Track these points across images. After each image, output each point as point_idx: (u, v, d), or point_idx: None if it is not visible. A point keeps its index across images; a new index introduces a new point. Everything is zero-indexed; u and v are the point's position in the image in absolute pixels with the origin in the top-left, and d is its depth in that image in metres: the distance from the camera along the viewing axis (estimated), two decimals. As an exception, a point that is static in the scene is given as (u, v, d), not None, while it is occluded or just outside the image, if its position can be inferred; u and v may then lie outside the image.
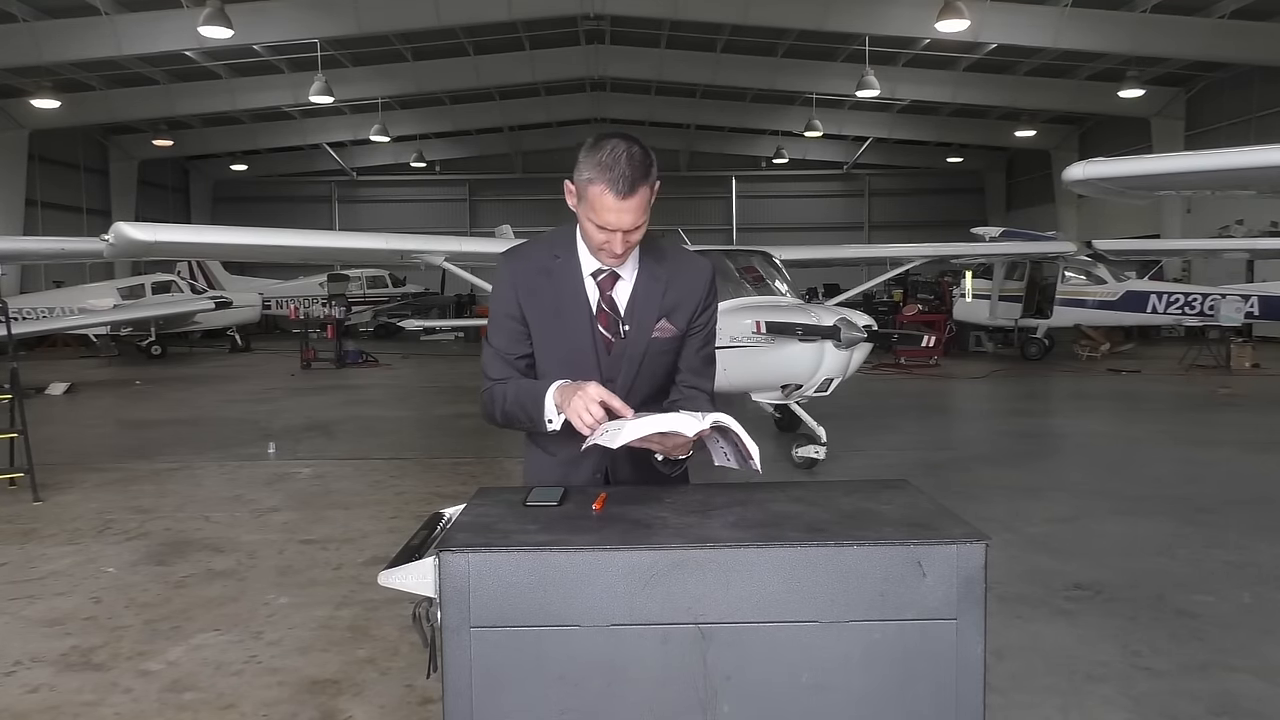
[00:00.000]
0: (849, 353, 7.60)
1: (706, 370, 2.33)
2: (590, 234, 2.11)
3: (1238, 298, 17.17)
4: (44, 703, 3.72)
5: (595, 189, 2.04)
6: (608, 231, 2.07)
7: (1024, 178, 35.13)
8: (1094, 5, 19.27)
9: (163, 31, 19.73)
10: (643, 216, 2.08)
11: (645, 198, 2.06)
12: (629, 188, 2.02)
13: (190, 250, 13.96)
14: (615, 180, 2.02)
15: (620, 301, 2.21)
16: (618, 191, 2.02)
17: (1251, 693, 3.70)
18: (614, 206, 2.03)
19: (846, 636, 1.64)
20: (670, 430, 1.98)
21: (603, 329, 2.20)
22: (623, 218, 2.04)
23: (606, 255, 2.13)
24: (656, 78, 26.41)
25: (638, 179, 2.03)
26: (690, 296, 2.24)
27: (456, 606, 1.63)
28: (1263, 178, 6.23)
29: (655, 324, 2.21)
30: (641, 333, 2.20)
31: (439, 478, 8.08)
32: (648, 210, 2.09)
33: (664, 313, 2.21)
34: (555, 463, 2.30)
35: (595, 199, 2.04)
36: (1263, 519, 6.35)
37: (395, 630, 4.34)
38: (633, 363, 2.21)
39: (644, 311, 2.21)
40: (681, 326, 2.24)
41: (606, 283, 2.21)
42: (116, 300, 21.15)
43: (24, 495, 7.27)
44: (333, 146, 33.16)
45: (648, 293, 2.21)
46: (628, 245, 2.11)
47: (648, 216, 2.10)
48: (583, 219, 2.11)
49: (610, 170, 2.02)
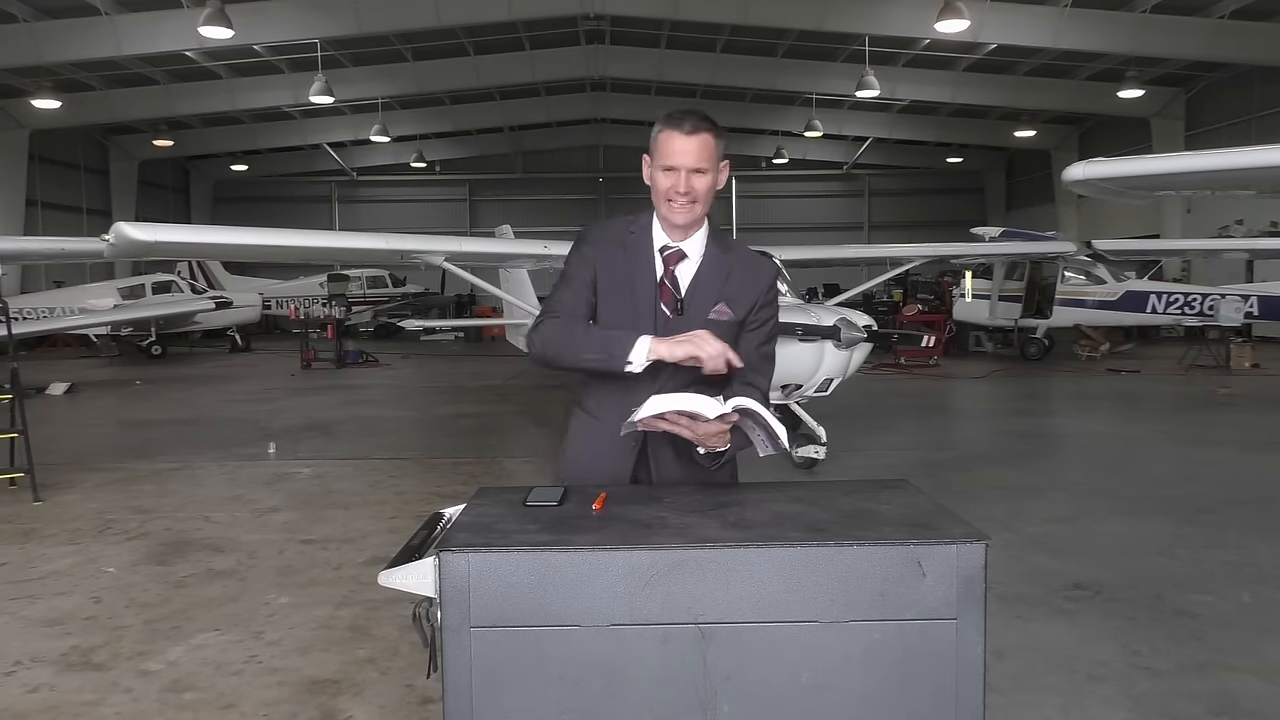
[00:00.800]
0: (849, 353, 7.59)
1: (763, 368, 2.36)
2: (659, 183, 2.25)
3: (1237, 298, 17.17)
4: (44, 703, 3.72)
5: (664, 134, 2.24)
6: (674, 174, 2.22)
7: (1024, 178, 35.13)
8: (1094, 5, 19.27)
9: (163, 31, 19.73)
10: (706, 161, 2.23)
11: (710, 146, 2.23)
12: (693, 127, 2.22)
13: (190, 250, 13.94)
14: (681, 122, 2.23)
15: (683, 280, 2.31)
16: (682, 129, 2.21)
17: (1251, 693, 3.70)
18: (679, 143, 2.21)
19: (846, 636, 1.64)
20: (692, 410, 2.04)
21: (663, 304, 2.29)
22: (687, 156, 2.21)
23: (677, 205, 2.24)
24: (656, 78, 26.41)
25: (701, 124, 2.23)
26: (752, 288, 2.33)
27: (456, 606, 1.63)
28: (1263, 178, 6.22)
29: (713, 306, 2.28)
30: (699, 312, 2.27)
31: (439, 478, 8.07)
32: (714, 163, 2.25)
33: (723, 297, 2.29)
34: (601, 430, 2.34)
35: (663, 143, 2.23)
36: (1263, 519, 6.34)
37: (395, 630, 4.34)
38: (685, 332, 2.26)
39: (704, 292, 2.29)
40: (739, 314, 2.30)
41: (672, 258, 2.31)
42: (116, 300, 21.15)
43: (24, 495, 7.27)
44: (333, 146, 33.15)
45: (710, 275, 2.31)
46: (691, 191, 2.23)
47: (714, 174, 2.26)
48: (655, 175, 2.26)
49: (679, 117, 2.24)
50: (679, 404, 2.05)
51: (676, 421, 2.08)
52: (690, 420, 2.07)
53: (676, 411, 2.07)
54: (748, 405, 2.07)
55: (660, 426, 2.10)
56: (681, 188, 2.22)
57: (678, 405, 2.05)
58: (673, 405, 2.05)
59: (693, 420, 2.07)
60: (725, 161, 2.29)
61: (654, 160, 2.26)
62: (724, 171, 2.29)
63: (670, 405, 2.05)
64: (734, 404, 2.07)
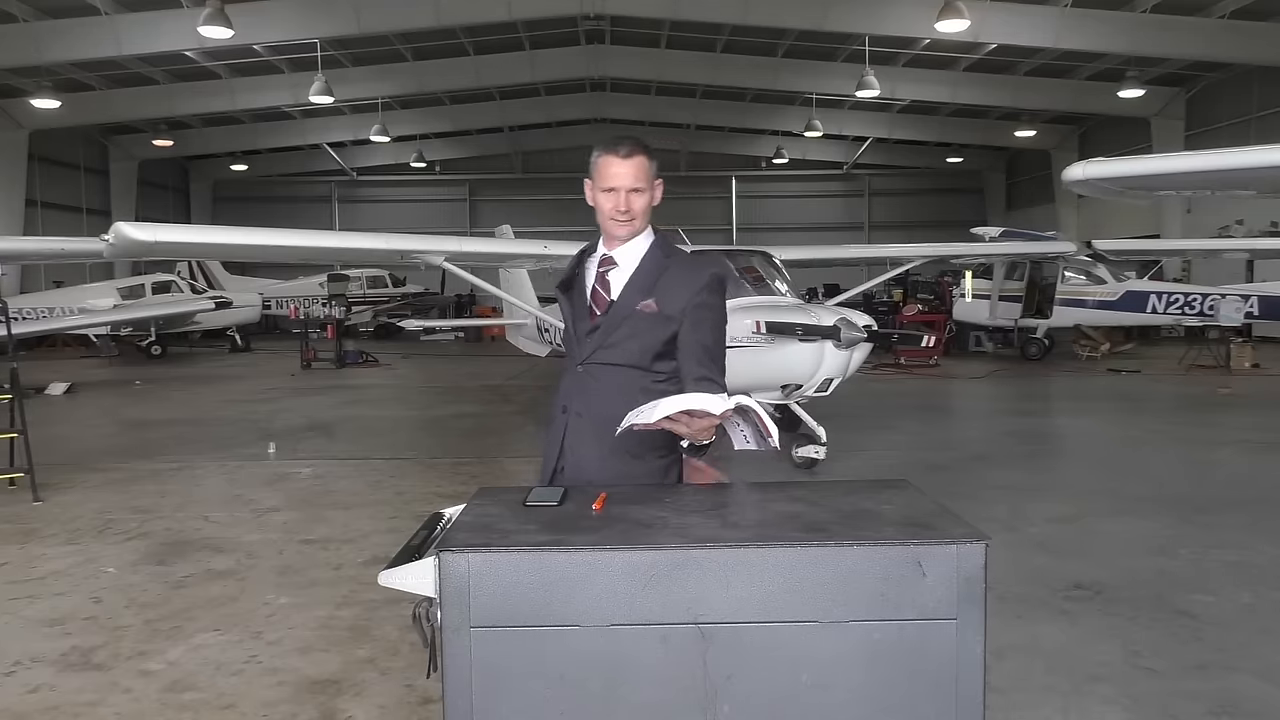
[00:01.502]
0: (849, 353, 7.59)
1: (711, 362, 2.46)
2: (602, 206, 2.46)
3: (1237, 298, 17.16)
4: (44, 703, 3.72)
5: (602, 159, 2.44)
6: (615, 194, 2.42)
7: (1024, 178, 35.12)
8: (1094, 5, 19.26)
9: (163, 31, 19.72)
10: (643, 181, 2.43)
11: (644, 167, 2.43)
12: (628, 151, 2.42)
13: (190, 250, 13.93)
14: (616, 146, 2.44)
15: (616, 284, 2.52)
16: (618, 154, 2.42)
17: (1251, 693, 3.70)
18: (615, 166, 2.41)
19: (846, 636, 1.64)
20: (698, 408, 2.11)
21: (595, 306, 2.52)
22: (624, 178, 2.41)
23: (619, 221, 2.45)
24: (656, 78, 26.41)
25: (636, 148, 2.44)
26: (685, 286, 2.46)
27: (456, 606, 1.63)
28: (1263, 178, 6.22)
29: (640, 301, 2.46)
30: (625, 305, 2.47)
31: (439, 478, 8.07)
32: (649, 182, 2.45)
33: (652, 295, 2.46)
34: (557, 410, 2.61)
35: (602, 168, 2.44)
36: (1263, 519, 6.34)
37: (395, 630, 4.34)
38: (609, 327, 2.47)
39: (634, 289, 2.48)
40: (669, 310, 2.44)
41: (605, 265, 2.54)
42: (116, 300, 21.14)
43: (24, 495, 7.27)
44: (333, 146, 33.14)
45: (643, 276, 2.49)
46: (631, 209, 2.43)
47: (651, 191, 2.46)
48: (597, 197, 2.47)
49: (614, 143, 2.46)
50: (689, 403, 2.12)
51: (678, 419, 2.14)
52: (688, 416, 2.14)
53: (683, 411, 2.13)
54: (747, 403, 2.14)
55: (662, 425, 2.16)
56: (622, 206, 2.42)
57: (687, 405, 2.12)
58: (683, 405, 2.12)
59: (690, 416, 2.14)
60: (659, 180, 2.49)
61: (595, 183, 2.46)
62: (659, 188, 2.49)
63: (680, 405, 2.12)
64: (736, 400, 2.13)
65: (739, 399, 2.14)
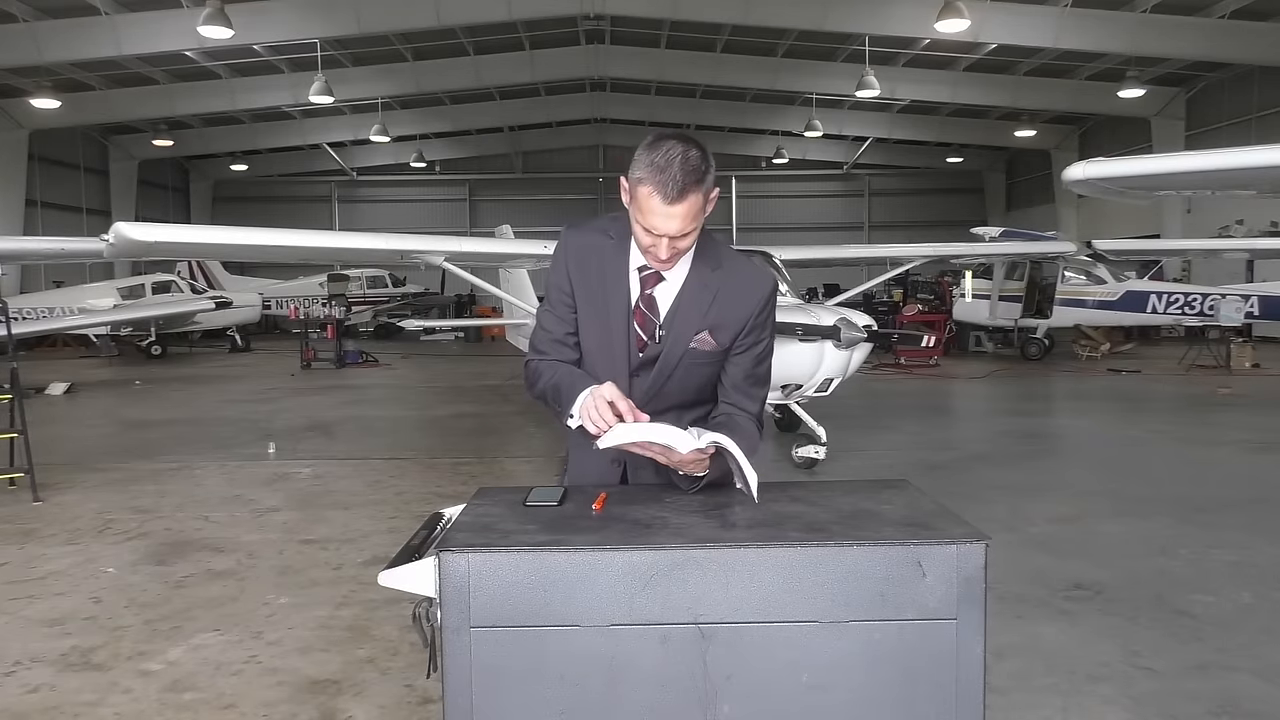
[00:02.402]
0: (849, 353, 7.59)
1: (754, 392, 2.22)
2: (638, 236, 2.04)
3: (1238, 298, 17.17)
4: (44, 703, 3.72)
5: (644, 190, 1.97)
6: (654, 236, 2.00)
7: (1024, 178, 35.13)
8: (1094, 5, 19.27)
9: (163, 31, 19.73)
10: (692, 224, 1.99)
11: (697, 205, 1.98)
12: (678, 193, 1.94)
13: (190, 250, 13.95)
14: (665, 184, 1.93)
15: (662, 303, 2.12)
16: (666, 196, 1.94)
17: (1251, 693, 3.70)
18: (661, 211, 1.96)
19: (846, 636, 1.64)
20: (664, 442, 1.92)
21: (638, 327, 2.13)
22: (670, 223, 1.97)
23: (652, 259, 2.06)
24: (656, 78, 26.41)
25: (689, 184, 1.94)
26: (741, 310, 2.13)
27: (456, 606, 1.63)
28: (1263, 178, 6.23)
29: (694, 335, 2.11)
30: (677, 342, 2.11)
31: (439, 478, 8.07)
32: (700, 218, 2.01)
33: (708, 325, 2.11)
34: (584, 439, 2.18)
35: (643, 200, 1.97)
36: (1263, 519, 6.34)
37: (395, 630, 4.34)
38: (663, 371, 2.13)
39: (684, 320, 2.11)
40: (725, 342, 2.13)
41: (649, 280, 2.12)
42: (116, 300, 21.16)
43: (24, 495, 7.27)
44: (333, 146, 33.14)
45: (693, 300, 2.11)
46: (674, 252, 2.03)
47: (700, 224, 2.03)
48: (633, 218, 2.04)
49: (662, 172, 1.94)
50: (647, 434, 1.93)
51: (648, 449, 1.96)
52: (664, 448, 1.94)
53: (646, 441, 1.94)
54: (724, 445, 1.93)
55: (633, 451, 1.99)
56: (663, 253, 2.02)
57: (646, 436, 1.93)
58: (640, 436, 1.93)
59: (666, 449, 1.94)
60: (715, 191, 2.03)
61: (633, 204, 2.02)
62: (712, 204, 2.04)
63: (637, 436, 1.93)
64: (709, 440, 1.93)
65: (715, 439, 1.93)
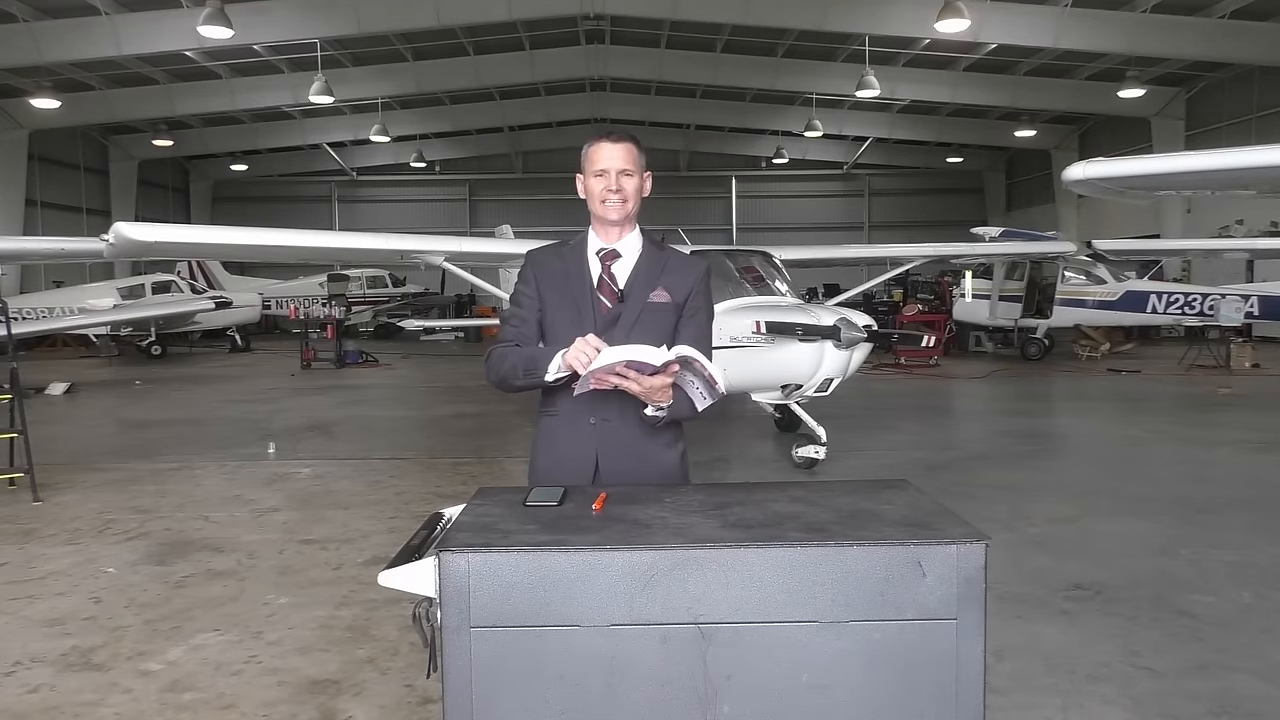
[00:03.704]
0: (849, 353, 7.59)
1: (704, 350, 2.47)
2: (593, 189, 2.49)
3: (1238, 298, 17.17)
4: (44, 703, 3.72)
5: (593, 147, 2.50)
6: (605, 176, 2.46)
7: (1024, 178, 35.13)
8: (1094, 5, 19.27)
9: (163, 31, 19.74)
10: (632, 165, 2.47)
11: (633, 152, 2.48)
12: (618, 137, 2.49)
13: (190, 250, 13.94)
14: (605, 133, 2.53)
15: (620, 275, 2.52)
16: (609, 139, 2.49)
17: (1251, 693, 3.70)
18: (606, 149, 2.47)
19: (846, 636, 1.64)
20: (638, 359, 2.18)
21: (603, 297, 2.49)
22: (614, 158, 2.46)
23: (611, 202, 2.47)
24: (656, 78, 26.40)
25: (625, 136, 2.51)
26: (685, 279, 2.53)
27: (456, 606, 1.63)
28: (1263, 178, 6.22)
29: (652, 291, 2.48)
30: (638, 297, 2.48)
31: (439, 478, 8.08)
32: (639, 168, 2.49)
33: (661, 284, 2.49)
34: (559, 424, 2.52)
35: (593, 154, 2.49)
36: (1263, 519, 6.34)
37: (395, 630, 4.34)
38: (627, 322, 2.45)
39: (642, 281, 2.50)
40: (678, 299, 2.50)
41: (609, 258, 2.53)
42: (116, 300, 21.15)
43: (24, 495, 7.27)
44: (333, 146, 33.14)
45: (647, 266, 2.53)
46: (623, 190, 2.46)
47: (640, 178, 2.50)
48: (589, 183, 2.50)
49: (603, 131, 2.57)
50: (627, 354, 2.19)
51: (625, 374, 2.21)
52: (638, 375, 2.21)
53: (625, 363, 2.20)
54: (687, 353, 2.22)
55: (611, 381, 2.23)
56: (613, 186, 2.45)
57: (626, 355, 2.19)
58: (621, 356, 2.19)
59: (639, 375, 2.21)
60: (648, 173, 2.53)
61: (586, 171, 2.50)
62: (648, 180, 2.53)
63: (619, 356, 2.18)
64: (676, 351, 2.21)
65: (680, 350, 2.22)
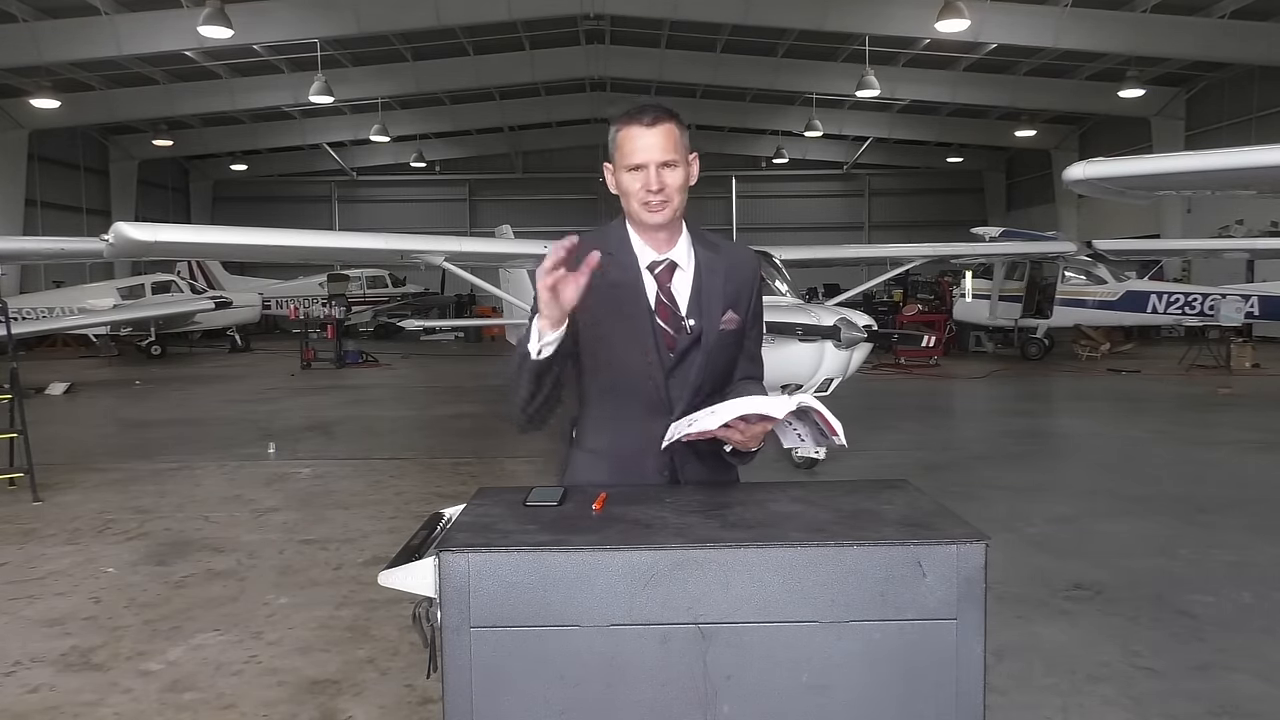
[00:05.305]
0: (849, 353, 7.60)
1: (760, 358, 2.25)
2: (628, 189, 2.03)
3: (1238, 298, 17.17)
4: (44, 703, 3.72)
5: (623, 132, 2.02)
6: (643, 172, 2.00)
7: (1024, 178, 35.13)
8: (1094, 5, 19.26)
9: (163, 31, 19.73)
10: (674, 153, 2.01)
11: (674, 134, 2.01)
12: (653, 118, 2.00)
13: (190, 250, 13.94)
14: (638, 114, 2.01)
15: (681, 294, 2.10)
16: (641, 122, 2.00)
17: (1251, 693, 3.70)
18: (639, 135, 1.99)
19: (846, 636, 1.63)
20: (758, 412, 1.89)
21: (663, 323, 2.07)
22: (651, 147, 1.99)
23: (652, 205, 2.02)
24: (656, 78, 26.40)
25: (661, 114, 2.01)
26: (747, 284, 2.17)
27: (456, 606, 1.63)
28: (1263, 178, 6.23)
29: (722, 316, 2.10)
30: (710, 327, 2.08)
31: (439, 478, 8.08)
32: (682, 154, 2.03)
33: (728, 303, 2.11)
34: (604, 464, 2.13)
35: (624, 142, 2.01)
36: (1263, 519, 6.34)
37: (395, 630, 4.34)
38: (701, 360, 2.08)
39: (710, 303, 2.09)
40: (743, 316, 2.13)
41: (665, 275, 2.09)
42: (116, 300, 21.15)
43: (24, 495, 7.27)
44: (333, 146, 33.13)
45: (710, 284, 2.10)
46: (665, 188, 2.01)
47: (685, 167, 2.04)
48: (621, 179, 2.04)
49: (635, 112, 2.03)
50: (751, 408, 1.90)
51: (734, 425, 1.91)
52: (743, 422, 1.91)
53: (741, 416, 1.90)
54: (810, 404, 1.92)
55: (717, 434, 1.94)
56: (654, 184, 1.99)
57: (749, 409, 1.90)
58: (744, 410, 1.90)
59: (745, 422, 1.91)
60: (694, 154, 2.07)
61: (617, 163, 2.04)
62: (695, 164, 2.08)
63: (742, 410, 1.90)
64: (798, 401, 1.91)
65: (800, 399, 1.91)
